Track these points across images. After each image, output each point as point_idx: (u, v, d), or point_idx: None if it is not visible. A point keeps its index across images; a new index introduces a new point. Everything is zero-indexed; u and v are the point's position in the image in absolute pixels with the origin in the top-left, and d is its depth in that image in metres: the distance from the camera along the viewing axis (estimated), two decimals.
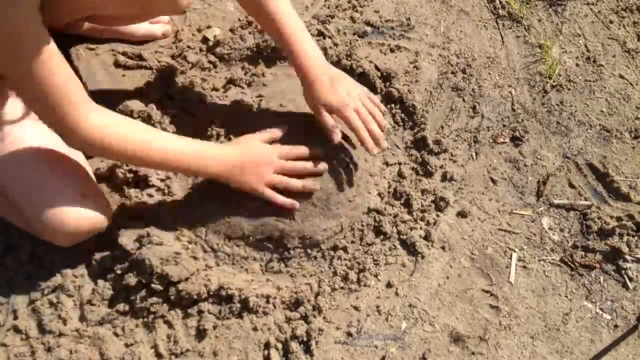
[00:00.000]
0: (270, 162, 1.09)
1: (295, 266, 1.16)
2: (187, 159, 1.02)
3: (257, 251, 1.15)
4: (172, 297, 1.04)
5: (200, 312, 1.06)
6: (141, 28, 1.35)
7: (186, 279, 1.04)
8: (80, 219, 0.98)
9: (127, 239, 1.06)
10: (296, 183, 1.11)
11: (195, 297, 1.05)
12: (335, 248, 1.18)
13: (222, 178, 1.07)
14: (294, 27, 1.09)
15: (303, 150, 1.13)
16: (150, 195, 1.14)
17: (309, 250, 1.16)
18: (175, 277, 1.03)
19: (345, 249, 1.18)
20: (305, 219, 1.14)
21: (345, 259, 1.18)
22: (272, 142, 1.13)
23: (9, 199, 0.99)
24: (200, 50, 1.37)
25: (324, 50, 1.40)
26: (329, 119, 1.10)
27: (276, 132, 1.14)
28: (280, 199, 1.10)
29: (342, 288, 1.15)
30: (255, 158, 1.09)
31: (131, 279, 1.03)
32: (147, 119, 1.21)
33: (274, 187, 1.10)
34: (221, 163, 1.05)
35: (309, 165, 1.12)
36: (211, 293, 1.07)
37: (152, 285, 1.03)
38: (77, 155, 1.07)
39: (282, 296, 1.11)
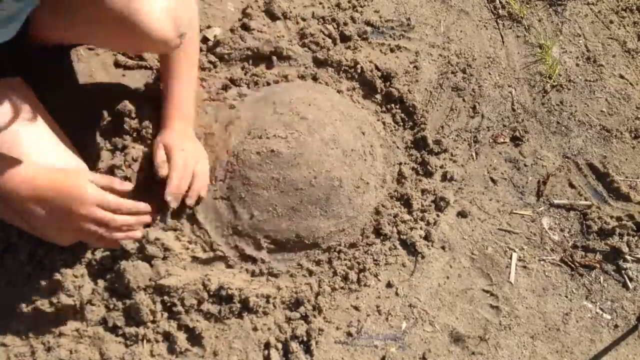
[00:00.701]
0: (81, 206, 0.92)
1: (295, 266, 1.16)
2: None
3: (257, 251, 1.15)
4: (172, 298, 1.04)
5: (200, 312, 1.06)
6: None
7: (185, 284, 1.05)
8: None
9: None
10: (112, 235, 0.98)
11: (195, 297, 1.05)
12: (335, 248, 1.18)
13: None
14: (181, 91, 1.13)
15: (131, 205, 1.00)
16: None
17: (309, 250, 1.16)
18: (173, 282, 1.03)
19: (345, 249, 1.18)
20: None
21: (345, 259, 1.17)
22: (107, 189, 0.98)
23: None
24: (200, 50, 1.37)
25: (326, 49, 1.40)
26: (160, 154, 1.08)
27: (115, 182, 1.00)
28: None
29: (342, 288, 1.15)
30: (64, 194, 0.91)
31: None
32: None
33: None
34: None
35: (131, 220, 1.00)
36: (211, 293, 1.07)
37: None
38: (71, 155, 1.06)
39: (282, 296, 1.11)
